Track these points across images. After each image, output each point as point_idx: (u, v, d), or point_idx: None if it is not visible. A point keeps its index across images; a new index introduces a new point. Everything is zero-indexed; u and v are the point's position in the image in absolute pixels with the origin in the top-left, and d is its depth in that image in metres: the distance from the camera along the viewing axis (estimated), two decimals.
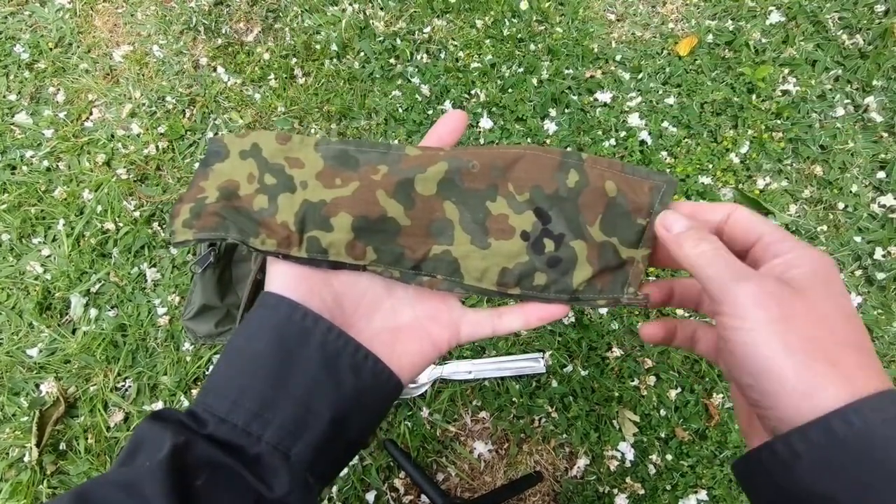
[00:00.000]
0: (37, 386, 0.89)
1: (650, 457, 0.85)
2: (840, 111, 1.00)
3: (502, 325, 0.34)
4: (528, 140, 0.99)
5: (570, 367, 0.88)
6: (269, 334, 0.29)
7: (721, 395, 0.86)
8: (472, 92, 1.04)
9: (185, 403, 0.89)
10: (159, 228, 0.98)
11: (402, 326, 0.34)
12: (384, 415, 0.33)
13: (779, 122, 1.00)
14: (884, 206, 0.95)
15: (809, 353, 0.24)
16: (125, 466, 0.26)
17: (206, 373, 0.90)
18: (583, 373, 0.88)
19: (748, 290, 0.25)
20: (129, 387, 0.90)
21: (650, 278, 0.36)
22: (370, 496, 0.84)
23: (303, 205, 0.31)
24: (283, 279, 0.31)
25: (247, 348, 0.29)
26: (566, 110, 1.03)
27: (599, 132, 1.01)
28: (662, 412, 0.87)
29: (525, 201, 0.32)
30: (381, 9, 1.11)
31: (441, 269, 0.32)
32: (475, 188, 0.32)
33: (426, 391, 0.87)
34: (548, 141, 1.00)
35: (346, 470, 0.85)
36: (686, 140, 1.00)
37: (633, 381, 0.88)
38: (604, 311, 0.91)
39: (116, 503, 0.24)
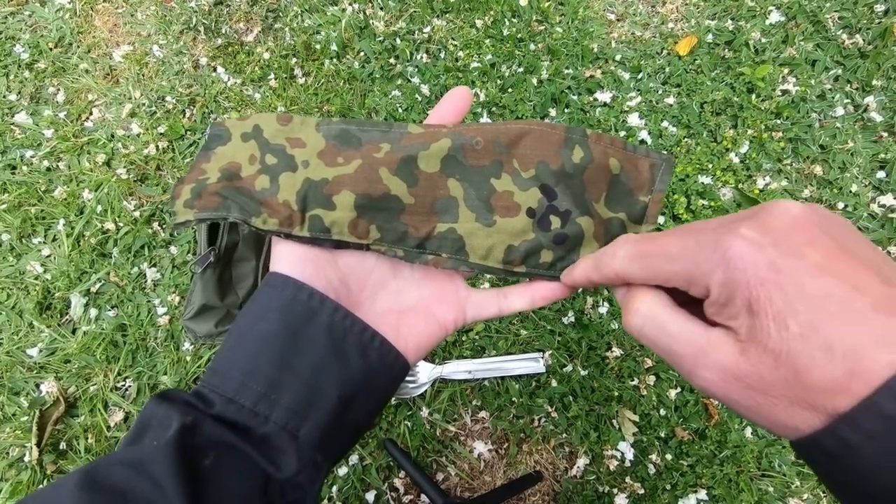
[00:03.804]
0: (37, 386, 0.89)
1: (650, 456, 0.85)
2: (840, 111, 1.00)
3: (508, 305, 0.34)
4: None
5: (569, 367, 0.88)
6: (275, 314, 0.29)
7: None
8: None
9: None
10: (159, 228, 0.98)
11: (408, 307, 0.33)
12: (390, 396, 0.33)
13: (778, 121, 1.00)
14: (883, 205, 0.95)
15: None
16: (133, 446, 0.26)
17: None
18: (582, 372, 0.88)
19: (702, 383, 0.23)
20: (129, 386, 0.90)
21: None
22: (370, 496, 0.83)
23: (304, 183, 0.31)
24: (288, 259, 0.31)
25: (253, 328, 0.29)
26: (566, 110, 1.03)
27: (599, 132, 1.00)
28: (662, 412, 0.87)
29: (531, 178, 0.32)
30: (381, 9, 1.11)
31: (446, 247, 0.32)
32: (480, 165, 0.32)
33: (426, 391, 0.87)
34: None
35: (345, 469, 0.85)
36: (686, 140, 1.00)
37: (632, 380, 0.88)
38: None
39: (125, 482, 0.24)
